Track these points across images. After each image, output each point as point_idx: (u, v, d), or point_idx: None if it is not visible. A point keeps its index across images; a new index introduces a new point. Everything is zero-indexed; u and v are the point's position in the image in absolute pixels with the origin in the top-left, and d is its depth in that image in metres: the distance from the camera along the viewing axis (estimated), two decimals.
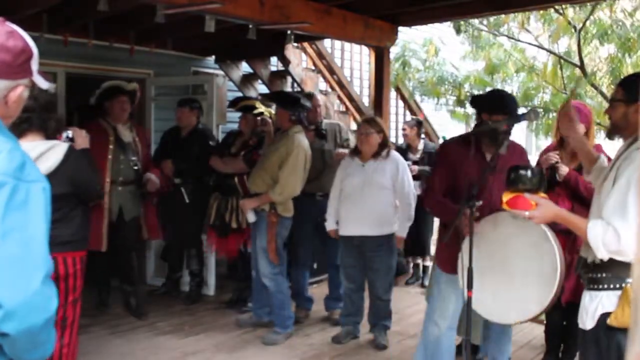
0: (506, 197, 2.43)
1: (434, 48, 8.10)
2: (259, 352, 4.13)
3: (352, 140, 4.95)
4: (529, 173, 2.51)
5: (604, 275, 2.14)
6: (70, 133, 3.11)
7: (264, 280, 4.31)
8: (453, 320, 3.17)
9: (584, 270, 2.23)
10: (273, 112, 5.06)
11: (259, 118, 4.77)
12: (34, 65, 1.37)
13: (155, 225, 4.97)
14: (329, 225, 4.36)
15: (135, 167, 4.72)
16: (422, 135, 6.28)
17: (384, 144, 4.16)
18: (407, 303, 4.70)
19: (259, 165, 4.32)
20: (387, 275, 4.22)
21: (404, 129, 5.90)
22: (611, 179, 2.11)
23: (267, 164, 4.21)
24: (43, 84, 1.41)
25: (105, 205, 4.44)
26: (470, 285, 2.90)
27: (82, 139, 3.14)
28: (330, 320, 4.78)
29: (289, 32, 4.15)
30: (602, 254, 2.07)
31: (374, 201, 4.09)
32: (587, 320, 2.18)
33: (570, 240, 3.34)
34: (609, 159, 3.30)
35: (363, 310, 4.41)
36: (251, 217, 4.30)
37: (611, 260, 2.09)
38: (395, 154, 4.26)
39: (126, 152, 4.67)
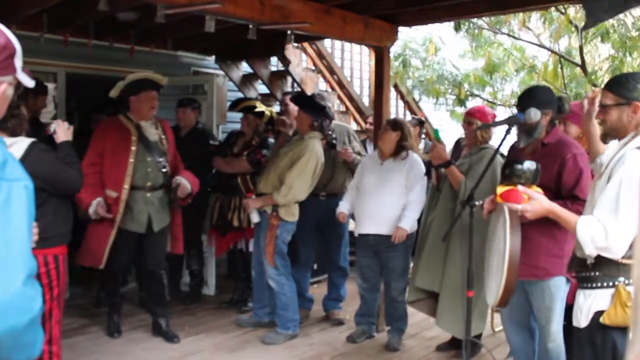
0: (500, 189, 2.46)
1: (434, 47, 8.10)
2: (259, 352, 4.13)
3: (359, 147, 4.93)
4: (523, 167, 2.53)
5: (596, 273, 2.15)
6: (54, 126, 3.10)
7: (268, 281, 4.30)
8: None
9: (578, 269, 2.24)
10: (274, 111, 5.07)
11: (280, 117, 4.77)
12: (18, 62, 1.34)
13: (181, 239, 4.42)
14: (340, 208, 4.35)
15: (164, 170, 4.17)
16: (423, 135, 6.27)
17: (404, 145, 4.12)
18: None
19: (269, 166, 4.30)
20: (402, 276, 4.15)
21: None
22: (605, 178, 2.14)
23: (278, 165, 4.19)
24: (28, 82, 1.39)
25: (117, 216, 3.96)
26: (470, 285, 2.92)
27: (64, 132, 3.11)
28: (331, 321, 4.79)
29: (289, 32, 4.14)
30: (590, 250, 2.09)
31: (389, 200, 4.05)
32: (581, 318, 2.19)
33: None
34: None
35: (376, 310, 4.43)
36: (255, 218, 4.26)
37: (603, 258, 2.11)
38: (414, 155, 4.19)
39: (152, 152, 4.10)
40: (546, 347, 3.13)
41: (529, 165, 2.55)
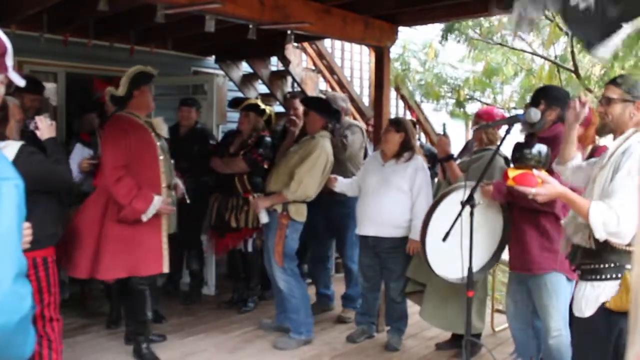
0: (512, 173, 2.47)
1: (434, 51, 8.11)
2: (259, 352, 4.13)
3: (358, 142, 4.94)
4: (532, 150, 2.56)
5: (605, 265, 2.20)
6: (35, 123, 3.09)
7: (278, 283, 4.24)
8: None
9: (584, 261, 2.28)
10: (273, 111, 5.09)
11: (291, 117, 4.78)
12: (9, 61, 1.34)
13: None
14: (335, 176, 4.32)
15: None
16: (418, 137, 6.25)
17: (407, 145, 4.08)
18: (408, 303, 4.70)
19: (279, 164, 4.28)
20: (402, 277, 4.12)
21: None
22: (609, 169, 2.24)
23: (288, 164, 4.17)
24: (19, 81, 1.39)
25: (162, 218, 3.80)
26: (470, 286, 2.92)
27: (47, 129, 3.10)
28: (333, 318, 4.83)
29: (289, 32, 4.14)
30: (601, 234, 2.18)
31: (389, 202, 4.02)
32: (586, 308, 2.24)
33: None
34: None
35: (377, 310, 4.44)
36: (264, 218, 4.18)
37: (610, 249, 2.17)
38: (418, 158, 4.15)
39: (166, 149, 3.98)
40: (547, 344, 3.16)
41: (538, 148, 2.58)
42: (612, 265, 2.20)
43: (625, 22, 2.87)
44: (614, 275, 2.20)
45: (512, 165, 2.71)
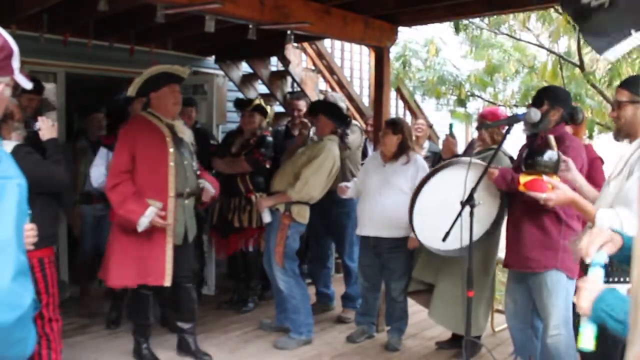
0: (523, 179, 2.50)
1: (435, 48, 8.09)
2: (259, 352, 4.13)
3: (359, 140, 4.94)
4: (544, 157, 2.57)
5: (613, 268, 2.19)
6: (38, 124, 3.11)
7: (278, 283, 4.23)
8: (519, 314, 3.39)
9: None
10: (274, 110, 5.11)
11: (303, 120, 4.81)
12: (15, 63, 1.35)
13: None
14: (344, 183, 4.38)
15: (198, 172, 3.89)
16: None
17: (405, 146, 4.10)
18: (409, 303, 4.70)
19: (286, 164, 4.28)
20: (403, 277, 4.14)
21: (422, 124, 5.81)
22: (624, 174, 2.21)
23: (295, 164, 4.17)
24: (26, 83, 1.39)
25: (169, 228, 3.60)
26: (470, 285, 2.92)
27: (48, 129, 3.11)
28: (333, 318, 4.83)
29: (289, 32, 4.14)
30: None
31: (390, 203, 4.02)
32: None
33: None
34: (601, 160, 3.41)
35: (377, 310, 4.44)
36: (267, 217, 4.18)
37: None
38: (419, 158, 4.17)
39: (187, 154, 3.76)
40: (545, 343, 3.15)
41: (550, 155, 2.60)
42: (622, 269, 2.19)
43: (636, 30, 2.94)
44: (622, 279, 2.17)
45: (523, 169, 2.72)
